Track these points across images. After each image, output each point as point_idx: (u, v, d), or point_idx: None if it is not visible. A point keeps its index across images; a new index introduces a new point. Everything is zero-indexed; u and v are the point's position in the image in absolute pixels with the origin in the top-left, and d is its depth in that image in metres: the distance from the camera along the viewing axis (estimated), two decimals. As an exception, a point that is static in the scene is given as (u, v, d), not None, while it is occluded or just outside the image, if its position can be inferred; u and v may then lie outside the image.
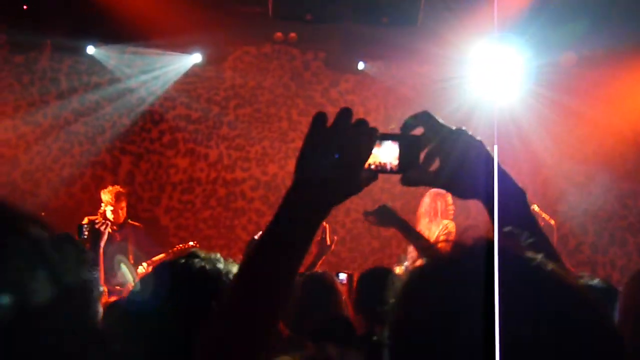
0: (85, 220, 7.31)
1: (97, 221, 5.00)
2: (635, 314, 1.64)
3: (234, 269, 1.98)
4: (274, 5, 5.71)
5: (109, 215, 7.56)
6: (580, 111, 10.18)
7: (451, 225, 7.24)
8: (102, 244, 4.79)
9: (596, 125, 10.19)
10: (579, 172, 10.13)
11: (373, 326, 3.70)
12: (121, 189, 7.86)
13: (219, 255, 2.02)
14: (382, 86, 9.93)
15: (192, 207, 9.59)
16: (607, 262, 10.02)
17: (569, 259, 9.05)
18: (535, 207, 7.49)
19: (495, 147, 1.46)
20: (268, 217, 1.43)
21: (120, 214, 7.73)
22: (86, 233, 5.06)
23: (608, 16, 8.71)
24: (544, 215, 7.79)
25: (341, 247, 9.71)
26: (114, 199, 7.64)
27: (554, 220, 9.33)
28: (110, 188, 7.79)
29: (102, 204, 7.65)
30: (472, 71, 9.82)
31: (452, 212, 7.27)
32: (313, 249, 4.72)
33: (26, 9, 8.29)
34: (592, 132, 10.18)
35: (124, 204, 7.79)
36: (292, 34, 9.14)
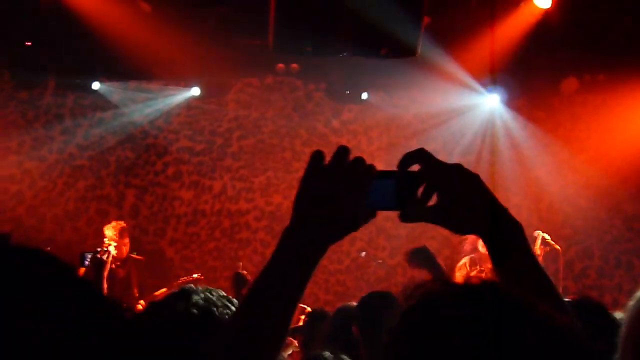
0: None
1: (99, 250, 4.96)
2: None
3: (228, 304, 1.98)
4: (274, 39, 5.75)
5: (112, 250, 7.58)
6: (583, 136, 10.20)
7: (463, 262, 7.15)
8: (106, 273, 4.75)
9: (599, 150, 10.20)
10: (583, 196, 10.13)
11: None
12: (124, 225, 7.88)
13: (214, 292, 2.02)
14: (384, 115, 9.97)
15: (197, 238, 9.59)
16: (614, 287, 9.98)
17: (575, 284, 9.04)
18: (540, 233, 7.44)
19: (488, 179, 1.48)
20: (273, 248, 1.44)
21: (124, 250, 7.76)
22: (88, 262, 5.00)
23: (609, 42, 8.76)
24: (549, 239, 7.75)
25: (347, 275, 9.70)
26: (117, 235, 7.66)
27: (559, 245, 9.31)
28: (114, 224, 7.81)
29: (105, 239, 7.67)
30: (473, 99, 9.87)
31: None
32: None
33: (29, 45, 8.37)
34: (595, 157, 10.19)
35: (127, 240, 7.82)
36: (294, 65, 9.20)
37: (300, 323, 6.00)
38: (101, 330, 1.09)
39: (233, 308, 1.96)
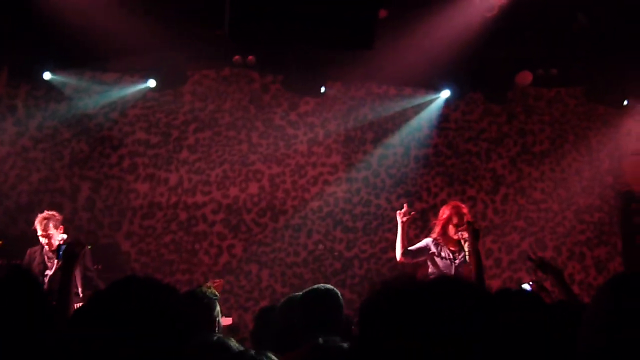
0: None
1: (74, 242, 4.74)
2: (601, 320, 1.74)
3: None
4: (229, 27, 5.73)
5: (43, 241, 7.46)
6: (537, 129, 10.35)
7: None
8: (75, 268, 4.62)
9: (552, 142, 10.37)
10: (536, 189, 10.28)
11: None
12: (47, 215, 7.68)
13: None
14: (342, 107, 10.00)
15: (153, 232, 9.52)
16: (566, 277, 10.15)
17: (529, 275, 9.16)
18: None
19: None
20: (230, 241, 1.44)
21: (54, 240, 7.59)
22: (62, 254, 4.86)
23: (562, 36, 8.88)
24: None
25: (304, 268, 9.71)
26: (41, 226, 7.53)
27: (514, 236, 9.41)
28: (41, 215, 7.64)
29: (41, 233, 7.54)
30: (429, 92, 9.96)
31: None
32: None
33: (-19, 35, 8.21)
34: (548, 150, 10.35)
35: (53, 231, 7.63)
36: (251, 57, 9.17)
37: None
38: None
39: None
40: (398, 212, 7.04)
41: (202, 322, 3.93)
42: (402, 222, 6.98)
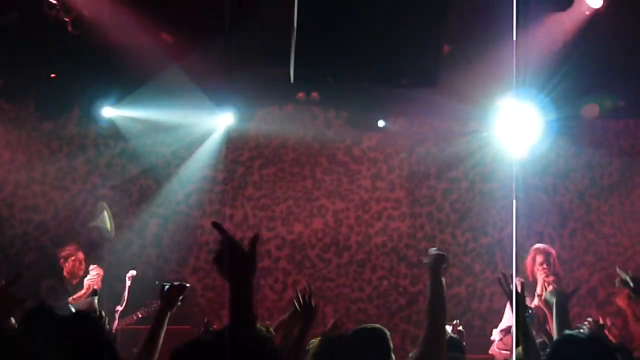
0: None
1: (179, 286, 4.51)
2: None
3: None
4: (295, 70, 5.78)
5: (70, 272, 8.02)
6: (605, 162, 10.15)
7: None
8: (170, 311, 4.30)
9: (621, 175, 10.15)
10: (605, 222, 10.06)
11: None
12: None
13: None
14: (405, 143, 9.98)
15: (218, 267, 9.59)
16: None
17: (599, 311, 8.94)
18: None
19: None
20: (294, 276, 1.46)
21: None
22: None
23: (628, 67, 8.75)
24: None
25: (368, 304, 9.67)
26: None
27: (582, 272, 9.21)
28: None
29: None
30: (493, 126, 9.85)
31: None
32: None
33: (54, 77, 8.46)
34: (617, 183, 10.13)
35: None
36: (314, 94, 9.25)
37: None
38: None
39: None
40: None
41: None
42: None
